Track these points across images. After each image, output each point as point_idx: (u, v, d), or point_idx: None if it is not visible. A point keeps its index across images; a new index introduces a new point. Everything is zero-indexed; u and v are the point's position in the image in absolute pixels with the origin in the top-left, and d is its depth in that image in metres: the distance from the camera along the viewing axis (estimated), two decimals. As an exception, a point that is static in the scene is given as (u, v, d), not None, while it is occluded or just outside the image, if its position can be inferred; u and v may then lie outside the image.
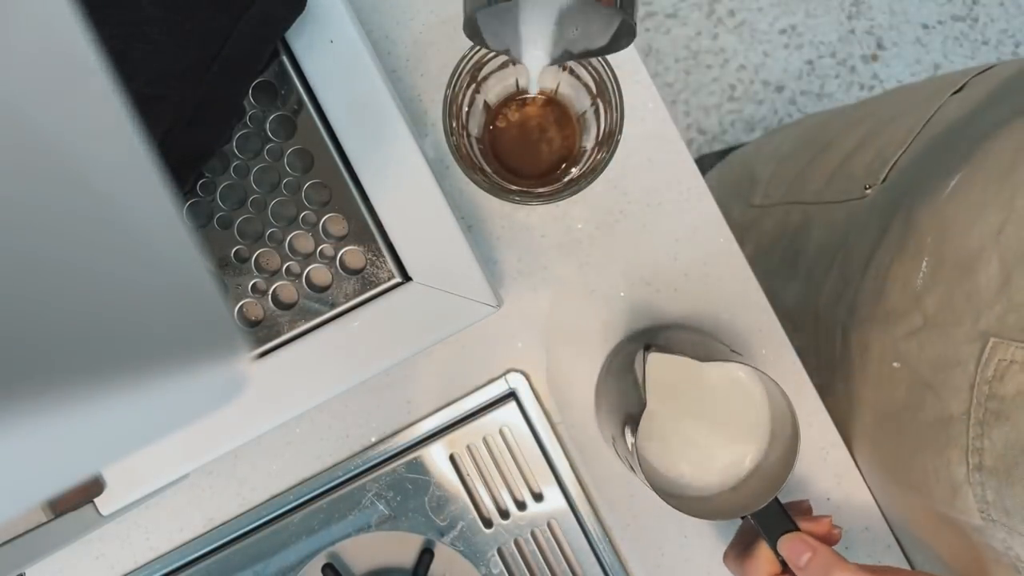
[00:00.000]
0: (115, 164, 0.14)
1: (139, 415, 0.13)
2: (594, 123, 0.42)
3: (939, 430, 0.39)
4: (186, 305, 0.16)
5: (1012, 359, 0.35)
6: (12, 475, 0.10)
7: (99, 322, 0.12)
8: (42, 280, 0.11)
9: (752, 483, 0.44)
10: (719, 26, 1.37)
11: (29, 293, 0.11)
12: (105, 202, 0.13)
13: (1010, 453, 0.35)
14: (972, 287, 0.38)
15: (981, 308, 0.37)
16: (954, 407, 0.38)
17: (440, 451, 0.51)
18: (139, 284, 0.14)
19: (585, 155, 0.43)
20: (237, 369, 0.16)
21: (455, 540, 0.51)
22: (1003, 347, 0.35)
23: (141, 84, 0.33)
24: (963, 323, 0.38)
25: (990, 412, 0.36)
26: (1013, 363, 0.35)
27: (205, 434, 0.41)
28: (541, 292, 0.51)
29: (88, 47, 0.14)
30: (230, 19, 0.35)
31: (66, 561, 0.52)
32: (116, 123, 0.14)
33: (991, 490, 0.36)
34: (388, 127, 0.41)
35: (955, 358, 0.38)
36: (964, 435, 0.37)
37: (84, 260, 0.13)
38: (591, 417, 0.52)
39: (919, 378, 0.41)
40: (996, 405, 0.36)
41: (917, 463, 0.42)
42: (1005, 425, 0.35)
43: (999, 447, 0.35)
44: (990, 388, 0.36)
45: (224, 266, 0.41)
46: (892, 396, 0.44)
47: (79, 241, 0.13)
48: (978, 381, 0.36)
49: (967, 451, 0.37)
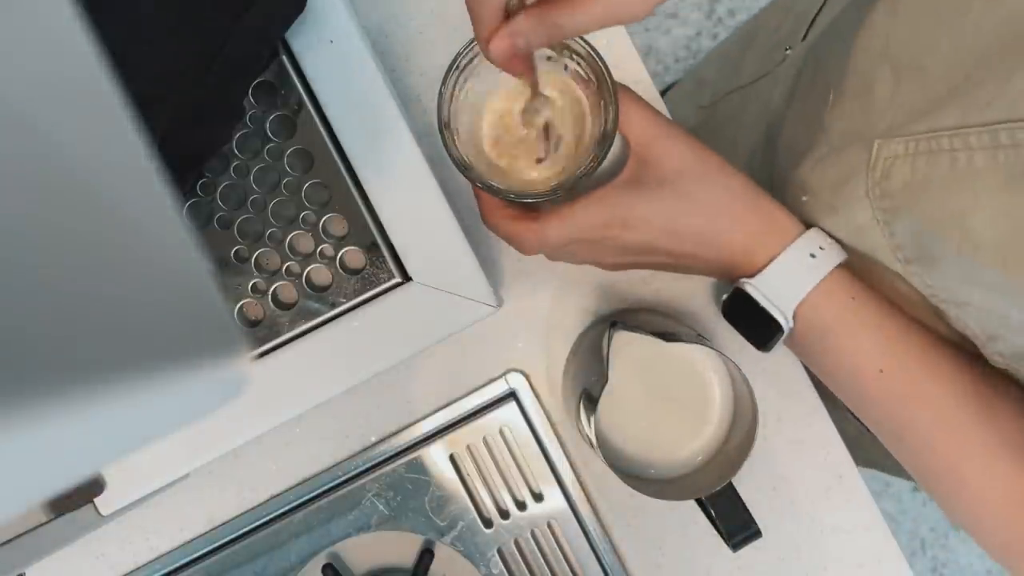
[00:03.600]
0: (115, 164, 0.14)
1: (139, 415, 0.13)
2: (591, 122, 0.42)
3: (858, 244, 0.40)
4: (186, 305, 0.16)
5: (895, 154, 0.35)
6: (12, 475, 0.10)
7: (99, 322, 0.12)
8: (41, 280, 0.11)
9: (712, 467, 0.44)
10: (719, 26, 1.37)
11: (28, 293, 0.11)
12: (104, 202, 0.13)
13: (918, 240, 0.36)
14: (868, 102, 0.39)
15: (874, 120, 0.38)
16: (860, 219, 0.39)
17: (440, 451, 0.51)
18: (138, 284, 0.14)
19: (582, 155, 0.43)
20: (237, 369, 0.16)
21: (455, 540, 0.51)
22: (886, 145, 0.36)
23: (141, 84, 0.33)
24: (860, 138, 0.38)
25: (888, 211, 0.37)
26: (896, 158, 0.35)
27: (205, 434, 0.41)
28: (541, 292, 0.51)
29: (88, 47, 0.14)
30: (230, 19, 0.35)
31: (66, 561, 0.52)
32: (116, 123, 0.14)
33: (926, 276, 0.37)
34: (388, 127, 0.41)
35: (849, 172, 0.39)
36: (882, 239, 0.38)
37: (83, 260, 0.13)
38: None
39: (824, 204, 0.41)
40: (889, 203, 0.37)
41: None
42: (905, 217, 0.36)
43: (909, 238, 0.36)
44: (880, 188, 0.37)
45: (224, 266, 0.41)
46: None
47: (78, 241, 0.13)
48: (870, 185, 0.37)
49: (893, 251, 0.38)
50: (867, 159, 0.37)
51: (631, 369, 0.44)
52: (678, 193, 0.40)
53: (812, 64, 0.48)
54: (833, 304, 0.39)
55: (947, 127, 0.33)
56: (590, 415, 0.41)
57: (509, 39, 0.32)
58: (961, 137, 0.32)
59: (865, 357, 0.39)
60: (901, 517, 1.37)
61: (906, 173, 0.35)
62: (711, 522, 0.43)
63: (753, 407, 0.41)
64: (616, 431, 0.45)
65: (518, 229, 0.42)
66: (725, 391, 0.45)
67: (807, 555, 0.52)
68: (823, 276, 0.39)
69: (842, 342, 0.40)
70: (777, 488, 0.52)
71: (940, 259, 0.35)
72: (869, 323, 0.39)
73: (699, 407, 0.45)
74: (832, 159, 0.41)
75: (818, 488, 0.52)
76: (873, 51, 0.39)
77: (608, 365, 0.41)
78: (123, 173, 0.14)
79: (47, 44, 0.13)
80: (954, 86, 0.33)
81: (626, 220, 0.40)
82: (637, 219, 0.40)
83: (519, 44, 0.33)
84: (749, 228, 0.40)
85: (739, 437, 0.43)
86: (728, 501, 0.42)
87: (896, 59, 0.37)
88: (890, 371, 0.39)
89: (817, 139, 0.43)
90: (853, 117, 0.40)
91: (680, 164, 0.40)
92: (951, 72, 0.34)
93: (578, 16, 0.31)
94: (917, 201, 0.35)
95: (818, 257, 0.40)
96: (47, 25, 0.13)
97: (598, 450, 0.42)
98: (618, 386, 0.44)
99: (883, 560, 0.52)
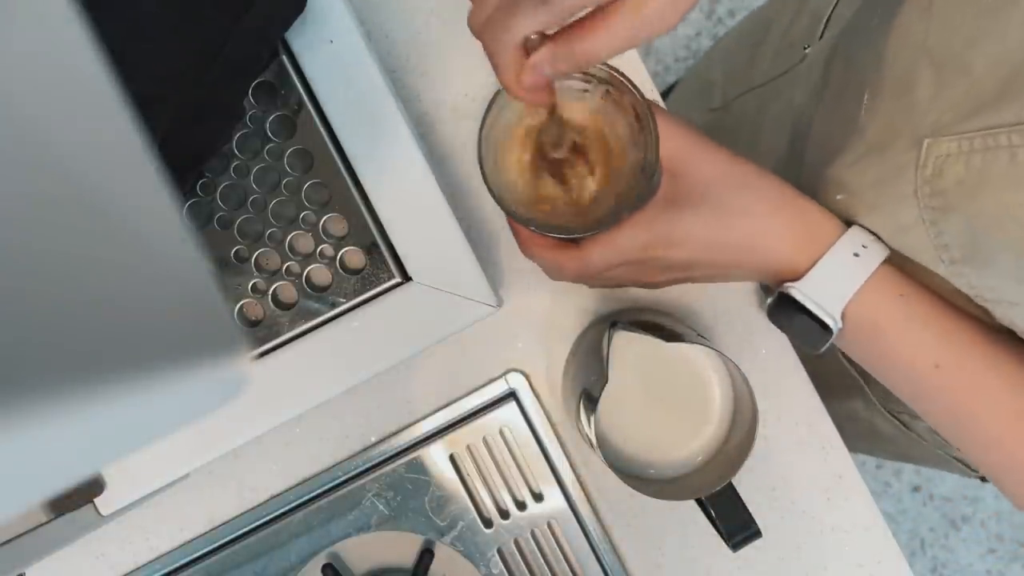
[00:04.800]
0: (115, 164, 0.14)
1: (139, 415, 0.13)
2: (628, 150, 0.41)
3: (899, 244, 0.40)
4: (186, 305, 0.16)
5: (947, 153, 0.35)
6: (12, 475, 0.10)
7: (99, 322, 0.12)
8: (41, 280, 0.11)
9: (712, 467, 0.44)
10: (719, 26, 1.37)
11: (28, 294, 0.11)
12: (105, 202, 0.13)
13: (969, 239, 0.36)
14: (909, 102, 0.38)
15: (917, 119, 0.37)
16: (904, 218, 0.38)
17: (440, 451, 0.51)
18: (138, 284, 0.14)
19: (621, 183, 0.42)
20: (237, 369, 0.16)
21: (455, 540, 0.51)
22: (937, 144, 0.36)
23: (141, 84, 0.33)
24: (902, 138, 0.38)
25: (937, 209, 0.36)
26: (948, 156, 0.35)
27: (205, 434, 0.41)
28: (541, 292, 0.51)
29: (88, 47, 0.14)
30: (230, 19, 0.35)
31: (66, 561, 0.52)
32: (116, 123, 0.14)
33: (973, 276, 0.37)
34: (388, 127, 0.41)
35: (895, 171, 0.39)
36: (927, 239, 0.38)
37: (83, 260, 0.13)
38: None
39: (863, 202, 0.41)
40: (940, 201, 0.36)
41: None
42: (956, 216, 0.36)
43: (958, 238, 0.36)
44: (931, 187, 0.36)
45: (224, 266, 0.41)
46: None
47: (78, 241, 0.13)
48: (919, 184, 0.37)
49: (938, 251, 0.38)
50: (915, 158, 0.37)
51: (631, 369, 0.44)
52: (717, 205, 0.39)
53: (841, 63, 0.48)
54: (882, 302, 0.39)
55: (1005, 123, 0.32)
56: (590, 415, 0.41)
57: (535, 72, 0.32)
58: (1020, 133, 0.32)
59: (919, 353, 0.39)
60: (901, 517, 1.37)
61: (959, 171, 0.35)
62: (711, 522, 0.43)
63: (753, 407, 0.41)
64: (616, 431, 0.45)
65: (560, 258, 0.42)
66: (725, 391, 0.45)
67: (807, 555, 0.52)
68: (869, 274, 0.39)
69: (894, 339, 0.39)
70: (777, 488, 0.52)
71: (993, 258, 0.35)
72: (920, 319, 0.39)
73: (699, 407, 0.45)
74: (872, 158, 0.41)
75: (818, 488, 0.52)
76: (909, 50, 0.39)
77: (608, 365, 0.41)
78: (123, 173, 0.14)
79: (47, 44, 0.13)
80: (1006, 82, 0.33)
81: (669, 239, 0.40)
82: (680, 236, 0.40)
83: (546, 72, 0.32)
84: (791, 232, 0.40)
85: (739, 437, 0.43)
86: (728, 501, 0.42)
87: (936, 58, 0.37)
88: (946, 365, 0.39)
89: (851, 138, 0.43)
90: (892, 116, 0.40)
91: (714, 174, 0.40)
92: (999, 68, 0.33)
93: (602, 36, 0.30)
94: (973, 199, 0.35)
95: (862, 256, 0.39)
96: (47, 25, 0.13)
97: (598, 450, 0.42)
98: (618, 386, 0.44)
99: (883, 560, 0.52)
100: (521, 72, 0.32)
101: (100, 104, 0.14)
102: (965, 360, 0.39)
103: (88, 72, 0.14)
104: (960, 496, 1.37)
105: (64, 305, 0.12)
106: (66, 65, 0.13)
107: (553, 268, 0.43)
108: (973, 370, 0.38)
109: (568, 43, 0.30)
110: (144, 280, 0.14)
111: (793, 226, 0.40)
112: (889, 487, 1.37)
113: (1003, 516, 1.37)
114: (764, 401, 0.50)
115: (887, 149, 0.40)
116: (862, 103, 0.43)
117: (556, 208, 0.42)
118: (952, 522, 1.37)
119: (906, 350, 0.39)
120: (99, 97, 0.14)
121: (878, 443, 0.64)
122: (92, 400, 0.11)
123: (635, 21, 0.29)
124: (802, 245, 0.40)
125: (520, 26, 0.30)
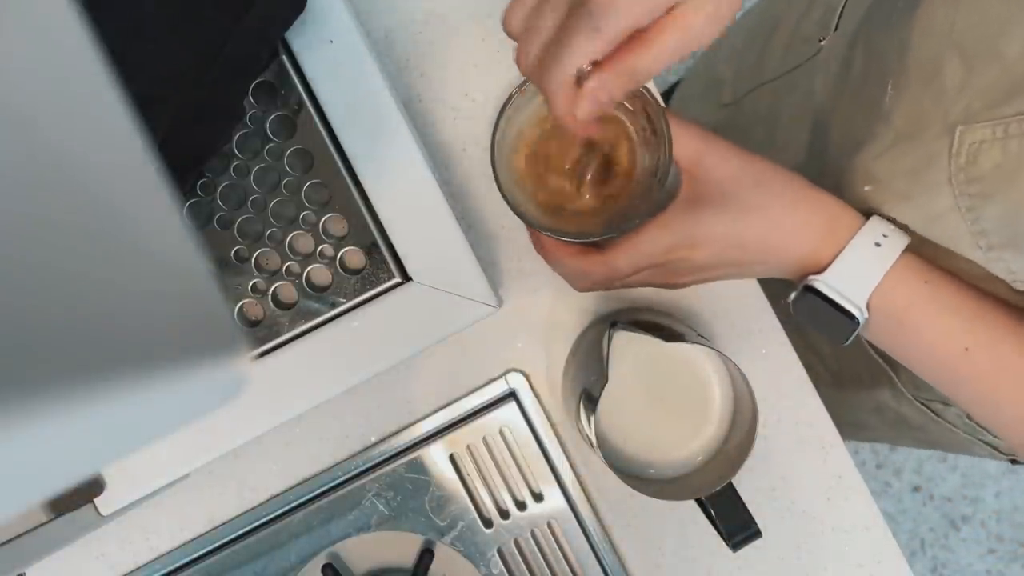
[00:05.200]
0: (115, 164, 0.14)
1: (139, 415, 0.13)
2: (643, 154, 0.41)
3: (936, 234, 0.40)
4: (186, 305, 0.16)
5: (982, 139, 0.35)
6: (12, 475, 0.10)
7: (99, 322, 0.12)
8: (41, 280, 0.11)
9: (712, 467, 0.44)
10: (719, 26, 1.37)
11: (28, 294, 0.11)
12: (105, 202, 0.13)
13: (1009, 224, 0.36)
14: (938, 89, 0.38)
15: (947, 107, 0.38)
16: (939, 206, 0.39)
17: (440, 451, 0.51)
18: (139, 284, 0.14)
19: (635, 187, 0.41)
20: (237, 369, 0.16)
21: (455, 540, 0.51)
22: (970, 131, 0.36)
23: (141, 84, 0.33)
24: (932, 126, 0.38)
25: (975, 196, 0.37)
26: (983, 142, 0.35)
27: (205, 434, 0.41)
28: (541, 292, 0.51)
29: (88, 47, 0.14)
30: (230, 19, 0.35)
31: (66, 561, 0.52)
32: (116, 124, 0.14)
33: (1012, 262, 0.37)
34: (388, 127, 0.41)
35: (926, 159, 0.39)
36: (963, 226, 0.38)
37: (83, 260, 0.13)
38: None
39: (895, 192, 0.41)
40: (977, 188, 0.36)
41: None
42: (995, 202, 0.36)
43: (997, 223, 0.36)
44: (966, 174, 0.36)
45: (224, 266, 0.41)
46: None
47: (79, 241, 0.13)
48: (953, 171, 0.37)
49: (975, 237, 0.38)
50: (947, 145, 0.37)
51: (631, 369, 0.44)
52: (738, 204, 0.40)
53: (862, 53, 0.48)
54: (907, 290, 0.39)
55: None
56: (590, 415, 0.41)
57: (591, 100, 0.32)
58: None
59: (948, 338, 0.39)
60: (901, 517, 1.37)
61: (996, 157, 0.35)
62: (711, 522, 0.43)
63: (753, 407, 0.41)
64: (616, 431, 0.45)
65: (584, 265, 0.42)
66: (725, 391, 0.45)
67: (807, 555, 0.52)
68: (892, 263, 0.39)
69: (922, 325, 0.40)
70: (777, 488, 0.52)
71: None
72: (947, 304, 0.39)
73: (699, 407, 0.45)
74: (903, 147, 0.41)
75: (818, 488, 0.52)
76: (935, 38, 0.39)
77: (608, 365, 0.41)
78: (123, 173, 0.14)
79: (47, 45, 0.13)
80: None
81: (693, 240, 0.40)
82: (703, 237, 0.40)
83: (602, 100, 0.32)
84: (811, 226, 0.40)
85: (739, 437, 0.43)
86: (728, 501, 0.42)
87: (964, 46, 0.37)
88: (975, 349, 0.39)
89: (877, 128, 0.43)
90: (920, 105, 0.40)
91: (732, 173, 0.40)
92: None
93: (654, 52, 0.30)
94: (1012, 184, 0.35)
95: (883, 245, 0.39)
96: (47, 25, 0.13)
97: (598, 450, 0.42)
98: (618, 386, 0.44)
99: (883, 560, 0.52)
100: (576, 103, 0.32)
101: (100, 104, 0.14)
102: (995, 343, 0.39)
103: (88, 72, 0.14)
104: (960, 496, 1.37)
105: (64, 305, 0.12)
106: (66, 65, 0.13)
107: (578, 275, 0.43)
108: (1003, 353, 0.39)
109: (621, 64, 0.31)
110: (144, 280, 0.14)
111: (812, 220, 0.40)
112: (889, 487, 1.37)
113: (1003, 516, 1.37)
114: (764, 401, 0.51)
115: (916, 138, 0.40)
116: (887, 93, 0.43)
117: (573, 213, 0.42)
118: (952, 522, 1.37)
119: (934, 336, 0.39)
120: (99, 98, 0.14)
121: (905, 432, 0.64)
122: (92, 400, 0.11)
123: (683, 36, 0.29)
124: (823, 237, 0.40)
125: (574, 59, 0.30)
